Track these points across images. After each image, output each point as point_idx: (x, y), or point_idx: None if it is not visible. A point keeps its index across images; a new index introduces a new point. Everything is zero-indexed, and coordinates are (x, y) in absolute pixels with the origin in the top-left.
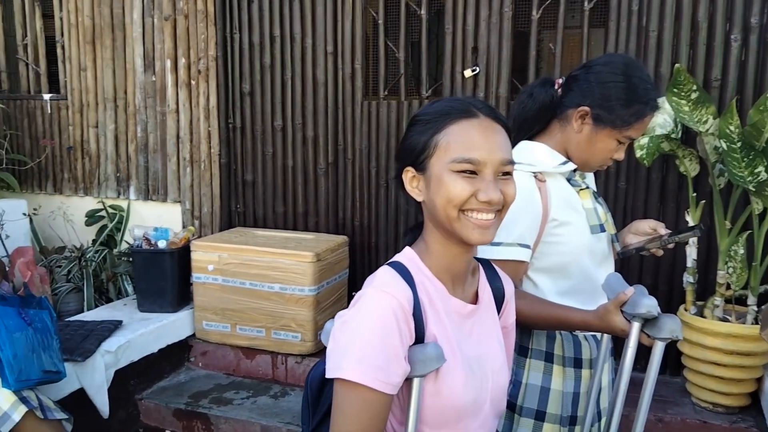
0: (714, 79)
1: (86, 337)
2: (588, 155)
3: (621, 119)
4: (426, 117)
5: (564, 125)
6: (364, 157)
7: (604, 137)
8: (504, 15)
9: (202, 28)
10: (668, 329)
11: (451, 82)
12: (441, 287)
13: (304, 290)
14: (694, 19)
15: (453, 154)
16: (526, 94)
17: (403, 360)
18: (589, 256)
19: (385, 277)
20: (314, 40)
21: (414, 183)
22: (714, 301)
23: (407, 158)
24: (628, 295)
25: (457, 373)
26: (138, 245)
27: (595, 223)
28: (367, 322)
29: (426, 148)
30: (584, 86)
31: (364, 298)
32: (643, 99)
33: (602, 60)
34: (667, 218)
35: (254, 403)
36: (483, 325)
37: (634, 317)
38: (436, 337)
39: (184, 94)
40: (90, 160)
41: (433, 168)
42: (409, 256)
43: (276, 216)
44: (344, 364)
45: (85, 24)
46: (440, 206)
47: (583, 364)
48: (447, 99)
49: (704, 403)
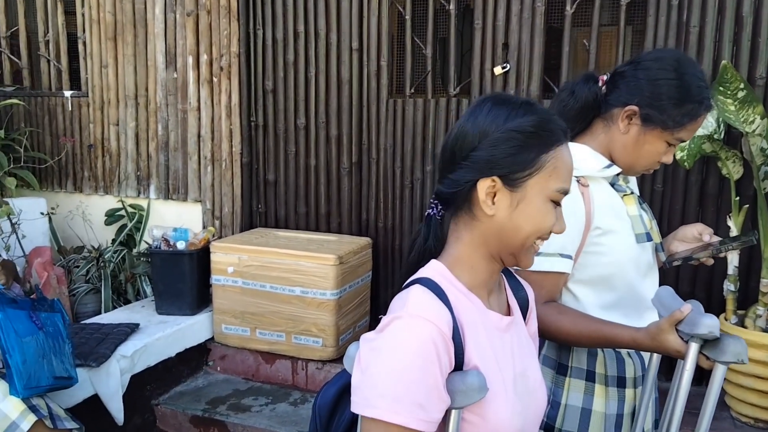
0: (759, 77)
1: (102, 341)
2: (634, 158)
3: (673, 119)
4: (535, 130)
5: (608, 125)
6: (389, 157)
7: (652, 139)
8: (536, 10)
9: (224, 24)
10: (733, 352)
11: (480, 79)
12: (478, 302)
13: (326, 294)
14: (738, 13)
15: (558, 182)
16: (567, 91)
17: (443, 393)
18: (634, 267)
19: (420, 299)
20: (339, 36)
21: (490, 193)
22: (756, 311)
23: (498, 168)
24: (684, 312)
25: (501, 399)
26: (157, 246)
27: (641, 231)
28: (403, 353)
29: (530, 166)
30: (632, 83)
31: (398, 323)
32: (697, 98)
33: (652, 55)
34: (707, 223)
35: (273, 410)
36: (519, 338)
37: (693, 338)
38: (477, 360)
39: (206, 92)
40: (110, 158)
41: (530, 189)
42: (439, 271)
43: (298, 217)
44: (378, 402)
45: (106, 20)
46: (524, 233)
47: (627, 383)
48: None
49: (745, 418)
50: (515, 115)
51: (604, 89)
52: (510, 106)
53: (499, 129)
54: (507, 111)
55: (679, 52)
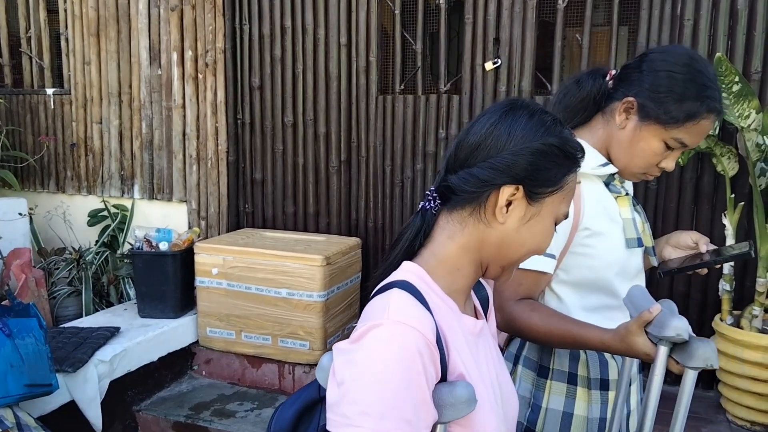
0: (754, 71)
1: (79, 346)
2: (630, 156)
3: (668, 114)
4: (568, 149)
5: (608, 120)
6: (379, 155)
7: (648, 135)
8: (528, 4)
9: (209, 19)
10: (701, 357)
11: (471, 75)
12: (454, 306)
13: (313, 295)
14: (733, 6)
15: (566, 206)
16: (573, 81)
17: (431, 405)
18: (621, 271)
19: (402, 304)
20: (327, 31)
21: (507, 202)
22: (752, 311)
23: (528, 179)
24: (653, 313)
25: (487, 408)
26: (139, 247)
27: (633, 236)
28: (387, 364)
29: (556, 184)
30: (635, 76)
31: (379, 332)
32: (699, 95)
33: (661, 48)
34: (702, 221)
35: (258, 415)
36: (489, 342)
37: (661, 340)
38: (461, 369)
39: (191, 89)
40: (93, 157)
41: (545, 206)
42: (417, 274)
43: (286, 216)
44: (361, 420)
45: (89, 15)
46: (526, 247)
47: (610, 386)
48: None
49: (741, 421)
50: (554, 131)
51: (611, 84)
52: (547, 119)
53: (539, 140)
54: (545, 124)
55: (690, 49)
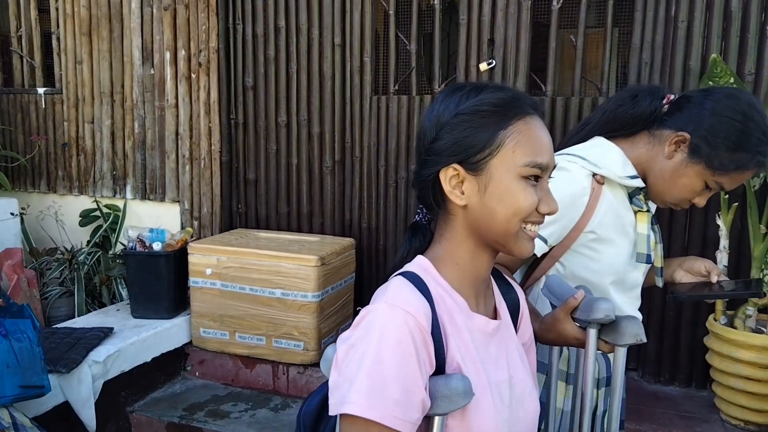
0: (748, 72)
1: (73, 346)
2: (668, 187)
3: (720, 161)
4: (487, 108)
5: (654, 143)
6: (373, 155)
7: (693, 173)
8: (522, 5)
9: (203, 19)
10: (631, 333)
11: (465, 76)
12: (462, 302)
13: (308, 296)
14: (726, 8)
15: (525, 156)
16: (630, 95)
17: (423, 391)
18: (619, 281)
19: (399, 289)
20: (321, 31)
21: (456, 183)
22: (746, 311)
23: (455, 154)
24: (578, 299)
25: (486, 406)
26: (132, 247)
27: (644, 251)
28: (378, 344)
29: (487, 146)
30: (695, 111)
31: (374, 314)
32: (752, 149)
33: (726, 91)
34: (696, 222)
35: (253, 416)
36: (507, 343)
37: (590, 324)
38: (459, 363)
39: (184, 88)
40: (85, 157)
41: (494, 170)
42: (423, 267)
43: (279, 217)
44: (352, 396)
45: (81, 15)
46: (503, 218)
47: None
48: (502, 88)
49: (735, 421)
50: (466, 98)
51: (666, 108)
52: (461, 91)
53: (451, 114)
54: (458, 97)
55: (754, 97)
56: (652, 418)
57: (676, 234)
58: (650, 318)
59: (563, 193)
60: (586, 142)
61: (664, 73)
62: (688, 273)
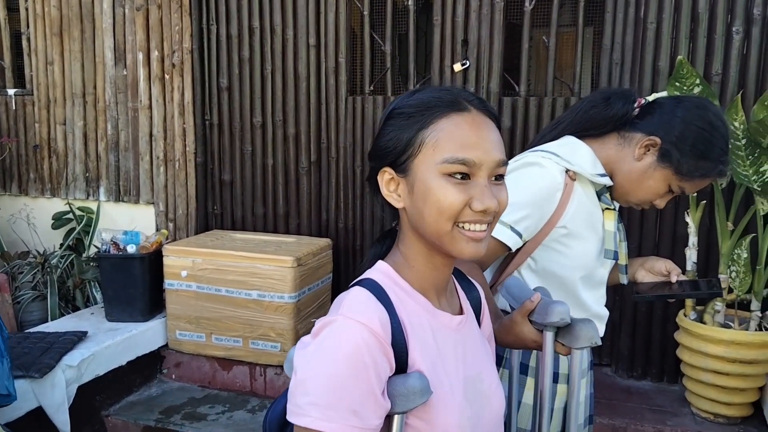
0: (715, 73)
1: (46, 351)
2: (634, 187)
3: (687, 167)
4: (409, 109)
5: (623, 145)
6: (349, 156)
7: (660, 177)
8: (495, 6)
9: (176, 19)
10: (586, 337)
11: (440, 76)
12: (425, 302)
13: (284, 297)
14: (694, 10)
15: (443, 153)
16: (603, 96)
17: (381, 397)
18: (587, 277)
19: (356, 300)
20: (296, 32)
21: (392, 187)
22: (714, 306)
23: (384, 158)
24: (534, 302)
25: (449, 403)
26: (106, 250)
27: (611, 248)
28: (335, 357)
29: (409, 147)
30: (666, 118)
31: (331, 327)
32: (716, 159)
33: (697, 101)
34: (665, 220)
35: (230, 418)
36: (474, 340)
37: (547, 327)
38: (421, 363)
39: (158, 89)
40: (57, 159)
41: (417, 170)
42: (383, 271)
43: (255, 218)
44: (310, 409)
45: (51, 15)
46: (430, 218)
47: (559, 379)
48: (432, 88)
49: (705, 414)
50: (394, 103)
51: (637, 111)
52: (400, 97)
53: (382, 120)
54: (392, 103)
55: (719, 109)
56: (625, 413)
57: (647, 231)
58: (623, 315)
59: (538, 188)
60: (558, 140)
61: (634, 73)
62: (650, 273)
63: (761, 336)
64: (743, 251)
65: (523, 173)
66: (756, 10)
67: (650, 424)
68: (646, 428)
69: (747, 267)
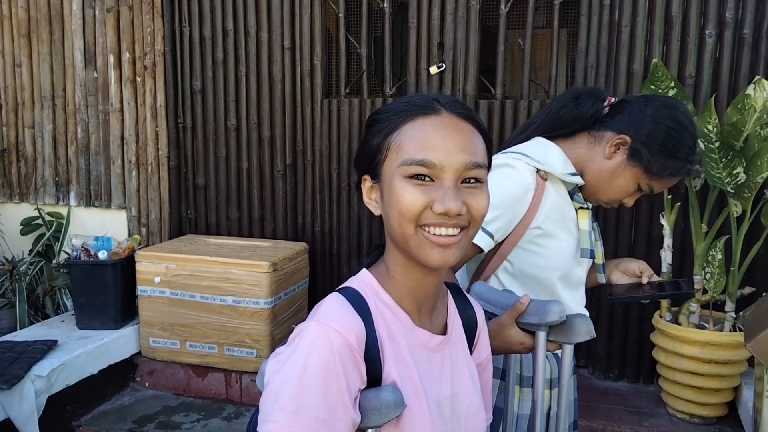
0: (688, 75)
1: (14, 361)
2: (604, 186)
3: (657, 165)
4: (383, 115)
5: (594, 144)
6: (325, 159)
7: (629, 175)
8: (471, 9)
9: (147, 21)
10: (584, 330)
11: (416, 79)
12: (404, 317)
13: (260, 303)
14: (667, 13)
15: (403, 155)
16: (572, 96)
17: (350, 409)
18: (565, 277)
19: (332, 307)
20: (270, 34)
21: (372, 194)
22: (689, 308)
23: (363, 165)
24: (525, 304)
25: (423, 420)
26: (76, 256)
27: (587, 247)
28: (304, 364)
29: (379, 152)
30: (636, 116)
31: (304, 333)
32: (685, 158)
33: (665, 100)
34: (641, 221)
35: (205, 426)
36: (454, 360)
37: (540, 327)
38: (396, 377)
39: (129, 92)
40: (26, 163)
41: (385, 175)
42: (366, 281)
43: (230, 222)
44: (277, 415)
45: (19, 16)
46: (394, 221)
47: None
48: (411, 95)
49: (680, 414)
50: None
51: (606, 110)
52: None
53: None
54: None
55: (687, 108)
56: (602, 414)
57: (623, 233)
58: (599, 316)
59: (510, 189)
60: (528, 141)
61: (609, 76)
62: (624, 274)
63: (735, 337)
64: (718, 253)
65: (493, 175)
66: (728, 14)
67: (627, 425)
68: (623, 429)
69: (721, 268)
